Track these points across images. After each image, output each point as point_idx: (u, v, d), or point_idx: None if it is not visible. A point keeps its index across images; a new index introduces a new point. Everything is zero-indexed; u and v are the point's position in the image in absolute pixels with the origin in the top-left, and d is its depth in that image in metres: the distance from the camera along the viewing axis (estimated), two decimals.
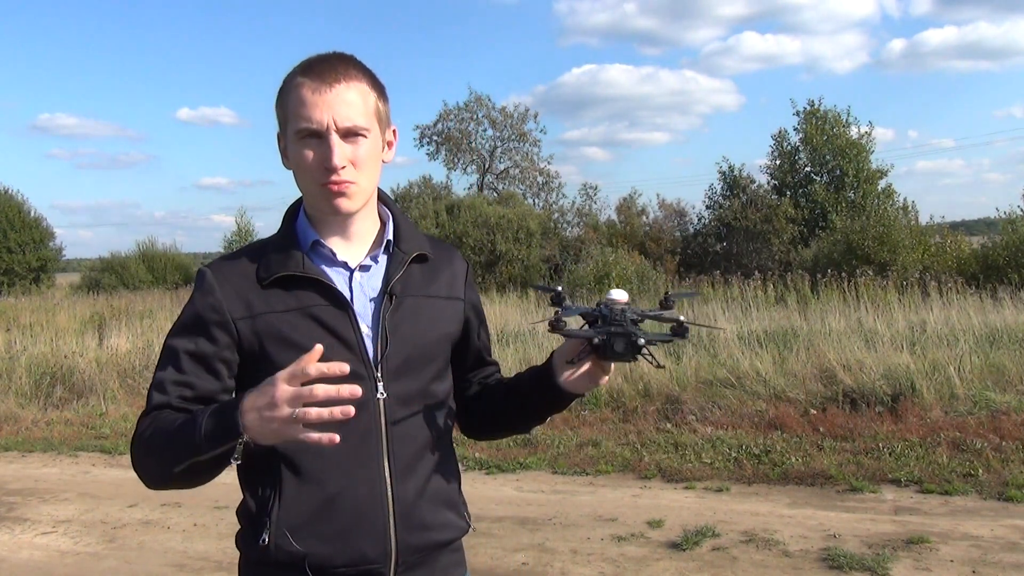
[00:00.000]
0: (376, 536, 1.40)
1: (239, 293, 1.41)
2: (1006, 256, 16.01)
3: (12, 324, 14.13)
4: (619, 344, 1.34)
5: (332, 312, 1.41)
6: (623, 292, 1.40)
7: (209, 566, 4.50)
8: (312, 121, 1.37)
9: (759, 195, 24.16)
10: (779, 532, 4.56)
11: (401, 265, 1.47)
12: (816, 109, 25.19)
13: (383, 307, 1.44)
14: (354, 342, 1.41)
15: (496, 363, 1.69)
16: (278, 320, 1.39)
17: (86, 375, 9.35)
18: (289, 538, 1.37)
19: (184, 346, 1.41)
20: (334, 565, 1.38)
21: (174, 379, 1.40)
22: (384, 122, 1.46)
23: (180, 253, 33.30)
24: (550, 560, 4.35)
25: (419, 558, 1.45)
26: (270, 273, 1.42)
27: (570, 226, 28.79)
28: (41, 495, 6.00)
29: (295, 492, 1.39)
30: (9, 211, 31.38)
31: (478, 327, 1.62)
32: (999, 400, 6.48)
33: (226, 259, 1.48)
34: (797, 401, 6.92)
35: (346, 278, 1.45)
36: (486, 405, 1.62)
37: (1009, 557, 4.09)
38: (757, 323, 9.86)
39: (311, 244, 1.45)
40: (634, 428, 6.84)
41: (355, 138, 1.39)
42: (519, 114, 31.43)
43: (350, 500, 1.39)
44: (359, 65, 1.44)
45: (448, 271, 1.56)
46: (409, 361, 1.45)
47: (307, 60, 1.43)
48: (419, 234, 1.55)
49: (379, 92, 1.46)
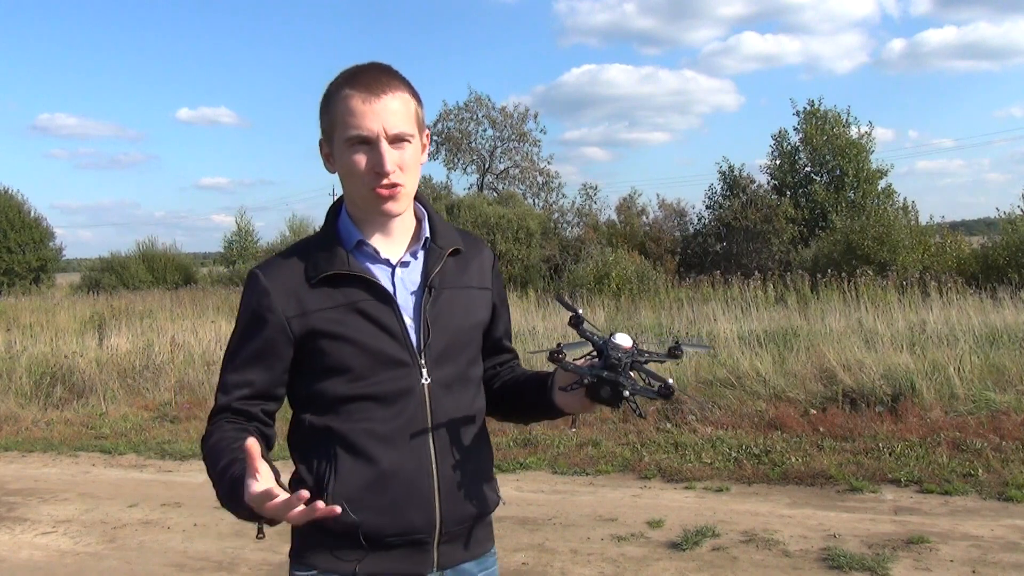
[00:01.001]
0: (423, 508, 1.53)
1: (290, 292, 1.52)
2: (1006, 256, 15.99)
3: (12, 324, 14.14)
4: (605, 391, 1.45)
5: (377, 306, 1.52)
6: (627, 337, 1.49)
7: (209, 566, 4.50)
8: (363, 129, 1.47)
9: (759, 195, 24.12)
10: (779, 532, 4.56)
11: (439, 260, 1.59)
12: (816, 109, 25.15)
13: (423, 299, 1.56)
14: (399, 333, 1.53)
15: (513, 350, 1.81)
16: (328, 316, 1.51)
17: (86, 375, 9.35)
18: (346, 508, 1.47)
19: (242, 346, 1.55)
20: (385, 534, 1.51)
21: (234, 380, 1.54)
22: (422, 127, 1.58)
23: (180, 253, 33.32)
24: (550, 560, 4.35)
25: (459, 529, 1.58)
26: (318, 272, 1.52)
27: (570, 226, 28.75)
28: (41, 495, 6.00)
29: (350, 467, 1.51)
30: (9, 211, 31.37)
31: (500, 314, 1.74)
32: (999, 400, 6.48)
33: (275, 260, 1.58)
34: (797, 401, 6.92)
35: (388, 274, 1.57)
36: (495, 392, 1.73)
37: (1009, 557, 4.09)
38: (757, 323, 9.86)
39: (355, 243, 1.56)
40: (634, 428, 6.84)
41: (401, 143, 1.50)
42: (519, 114, 31.41)
43: (400, 475, 1.52)
44: (399, 75, 1.55)
45: (477, 262, 1.68)
46: (449, 348, 1.57)
47: (350, 71, 1.53)
48: (452, 229, 1.67)
49: (417, 99, 1.57)
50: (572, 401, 1.55)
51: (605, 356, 1.46)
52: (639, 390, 1.45)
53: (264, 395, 1.55)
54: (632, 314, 12.39)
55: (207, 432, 1.55)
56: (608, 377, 1.44)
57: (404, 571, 1.55)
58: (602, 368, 1.45)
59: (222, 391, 1.55)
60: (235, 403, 1.53)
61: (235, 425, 1.53)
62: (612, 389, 1.44)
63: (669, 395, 1.43)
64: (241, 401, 1.54)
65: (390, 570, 1.53)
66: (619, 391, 1.44)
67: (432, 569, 1.57)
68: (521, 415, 1.77)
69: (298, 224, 36.20)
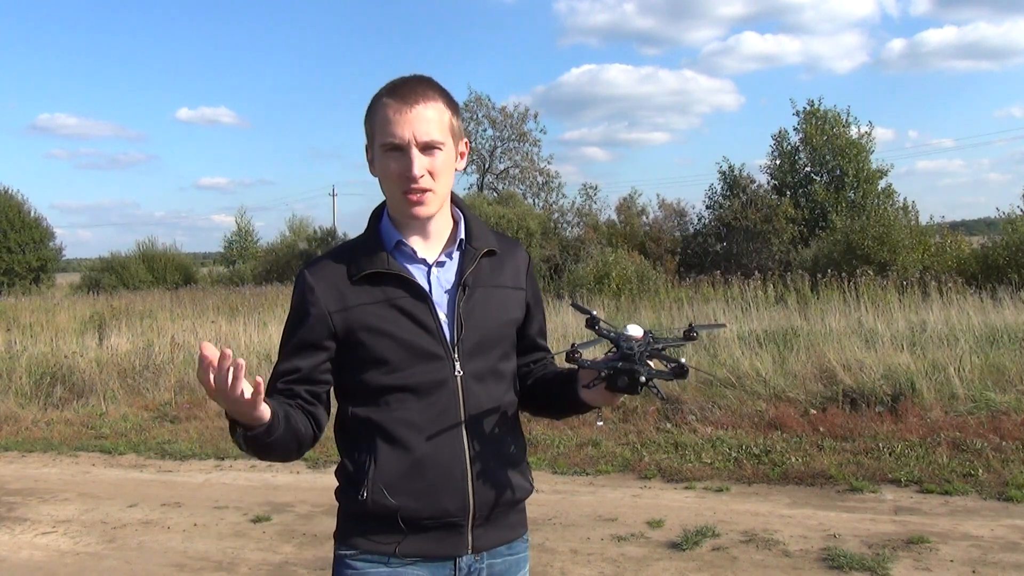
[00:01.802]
0: (457, 493, 1.62)
1: (333, 289, 1.64)
2: (1006, 256, 15.99)
3: (12, 324, 14.13)
4: (622, 380, 1.55)
5: (413, 303, 1.63)
6: (638, 327, 1.59)
7: (209, 566, 4.50)
8: (396, 136, 1.59)
9: (759, 195, 24.12)
10: (779, 532, 4.56)
11: (473, 260, 1.69)
12: (816, 109, 25.15)
13: (457, 297, 1.66)
14: (434, 328, 1.63)
15: (547, 348, 1.88)
16: (367, 311, 1.62)
17: (86, 375, 9.34)
18: (385, 493, 1.60)
19: (290, 339, 1.66)
20: (421, 517, 1.61)
21: (283, 368, 1.66)
22: (457, 135, 1.69)
23: (180, 253, 33.34)
24: (550, 560, 4.35)
25: (492, 513, 1.67)
26: (359, 271, 1.64)
27: (570, 226, 28.75)
28: (41, 495, 6.00)
29: (388, 455, 1.61)
30: (9, 211, 31.37)
31: (534, 314, 1.82)
32: (999, 400, 6.48)
33: (322, 260, 1.70)
34: (797, 401, 6.92)
35: (425, 272, 1.67)
36: (529, 390, 1.82)
37: (1009, 557, 4.09)
38: (757, 323, 9.86)
39: (395, 244, 1.67)
40: (634, 428, 6.84)
41: (432, 151, 1.61)
42: (519, 114, 31.42)
43: (435, 462, 1.61)
44: (436, 86, 1.66)
45: (512, 264, 1.78)
46: (481, 343, 1.67)
47: (392, 82, 1.65)
48: (488, 231, 1.77)
49: (453, 110, 1.68)
50: (596, 395, 1.63)
51: (619, 348, 1.56)
52: (654, 374, 1.54)
53: (308, 379, 1.65)
54: (632, 314, 12.39)
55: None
56: (623, 367, 1.53)
57: (440, 552, 1.64)
58: (617, 360, 1.54)
59: (273, 377, 1.67)
60: (279, 384, 1.65)
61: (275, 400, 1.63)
62: (629, 377, 1.53)
63: (684, 374, 1.52)
64: (285, 383, 1.65)
65: (427, 551, 1.64)
66: (635, 378, 1.53)
67: (467, 551, 1.66)
68: (552, 410, 1.87)
69: (298, 224, 36.19)
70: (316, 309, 1.63)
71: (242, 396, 1.41)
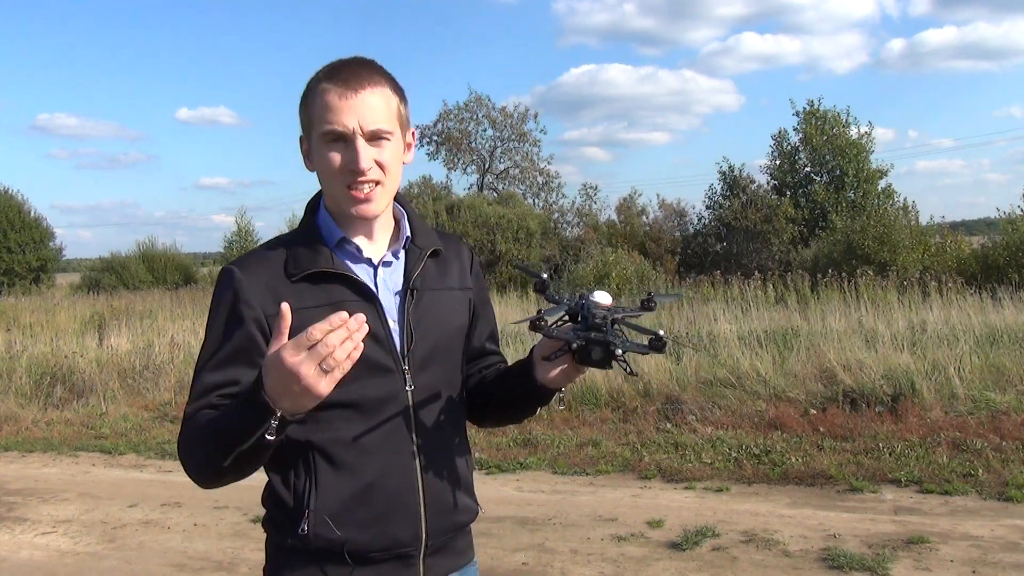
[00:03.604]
0: (409, 521, 1.46)
1: (269, 289, 1.43)
2: (1006, 256, 15.99)
3: (12, 324, 14.13)
4: (596, 352, 1.36)
5: (361, 307, 1.43)
6: (607, 295, 1.42)
7: (209, 566, 4.50)
8: (339, 124, 1.41)
9: (759, 195, 24.14)
10: (779, 532, 4.56)
11: (419, 260, 1.53)
12: (816, 109, 25.16)
13: (406, 301, 1.50)
14: (383, 336, 1.46)
15: (498, 352, 1.72)
16: (310, 316, 1.37)
17: (86, 375, 9.35)
18: (330, 525, 1.41)
19: (221, 345, 1.43)
20: (370, 550, 1.44)
21: (214, 381, 1.42)
22: (405, 125, 1.52)
23: (180, 253, 33.30)
24: (550, 560, 4.35)
25: (444, 540, 1.52)
26: (300, 269, 1.45)
27: (570, 226, 28.78)
28: (41, 495, 6.00)
29: (331, 481, 1.43)
30: (9, 211, 31.36)
31: (482, 316, 1.67)
32: (999, 400, 6.48)
33: (251, 255, 1.50)
34: (797, 401, 6.92)
35: (371, 274, 1.51)
36: (482, 395, 1.65)
37: (1009, 557, 4.09)
38: (757, 323, 9.85)
39: (338, 240, 1.50)
40: (634, 428, 6.84)
41: (380, 141, 1.44)
42: (519, 114, 31.43)
43: (385, 487, 1.45)
44: (381, 70, 1.49)
45: (457, 263, 1.62)
46: (432, 352, 1.51)
47: (331, 65, 1.47)
48: (430, 229, 1.62)
49: (400, 96, 1.50)
50: (557, 375, 1.47)
51: (586, 317, 1.38)
52: (630, 346, 1.37)
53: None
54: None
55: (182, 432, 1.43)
56: (596, 338, 1.36)
57: None
58: (587, 329, 1.37)
59: (198, 394, 1.42)
60: (215, 400, 1.41)
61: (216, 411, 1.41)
62: (603, 349, 1.36)
63: (662, 348, 1.37)
64: (221, 399, 1.41)
65: None
66: (611, 350, 1.36)
67: None
68: (508, 409, 1.66)
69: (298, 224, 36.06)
70: (251, 311, 1.42)
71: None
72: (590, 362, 1.38)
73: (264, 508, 1.51)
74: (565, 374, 1.47)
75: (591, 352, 1.37)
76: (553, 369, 1.47)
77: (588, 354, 1.37)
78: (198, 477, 1.41)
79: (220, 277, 1.47)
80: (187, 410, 1.43)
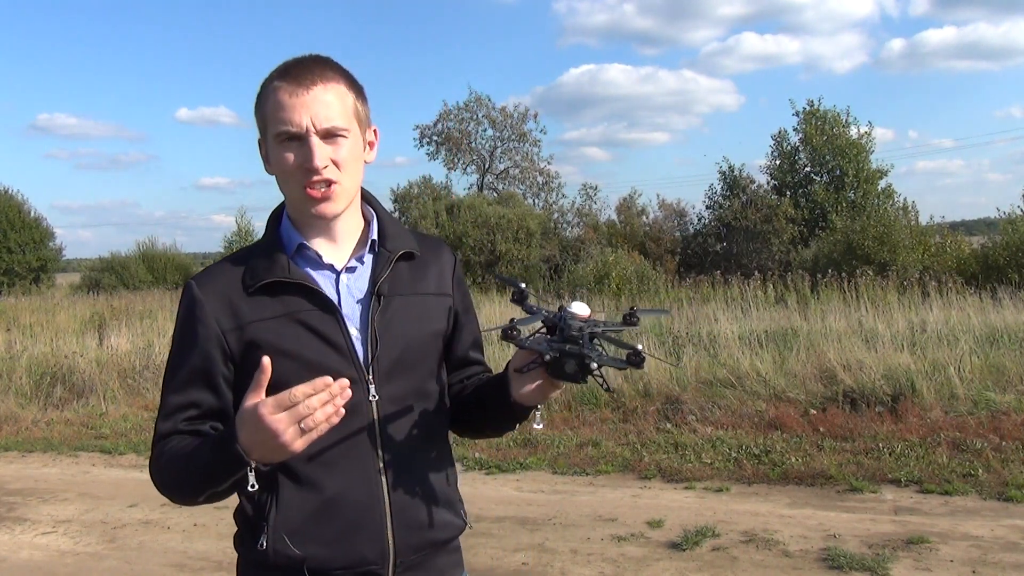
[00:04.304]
0: (374, 537, 1.41)
1: (225, 304, 1.40)
2: (1006, 256, 16.01)
3: (12, 324, 14.13)
4: (570, 365, 1.31)
5: (320, 316, 1.40)
6: (584, 306, 1.36)
7: (209, 566, 4.50)
8: (291, 124, 1.37)
9: (759, 195, 24.17)
10: (779, 532, 4.56)
11: (387, 264, 1.47)
12: (816, 109, 25.20)
13: (371, 308, 1.44)
14: (343, 345, 1.41)
15: (482, 362, 1.66)
16: (266, 328, 1.39)
17: (86, 375, 9.35)
18: (287, 542, 1.38)
19: (181, 365, 1.42)
20: (333, 568, 1.40)
21: (177, 403, 1.41)
22: (364, 122, 1.47)
23: (180, 253, 33.30)
24: (550, 560, 4.35)
25: (417, 558, 1.46)
26: (256, 280, 1.41)
27: (570, 226, 28.82)
28: (41, 495, 6.00)
29: (292, 496, 1.40)
30: (9, 211, 31.37)
31: (464, 324, 1.60)
32: (999, 400, 6.48)
33: (211, 270, 1.47)
34: (797, 401, 6.92)
35: (332, 280, 1.45)
36: (462, 407, 1.59)
37: (1009, 557, 4.09)
38: (757, 323, 9.85)
39: (296, 248, 1.45)
40: (634, 428, 6.84)
41: (335, 139, 1.39)
42: (519, 114, 31.50)
43: (347, 502, 1.40)
44: (336, 66, 1.44)
45: (436, 267, 1.55)
46: (400, 361, 1.45)
47: (283, 64, 1.43)
48: (405, 231, 1.55)
49: (357, 92, 1.45)
50: (532, 391, 1.40)
51: (562, 328, 1.32)
52: (606, 360, 1.30)
53: (214, 414, 1.42)
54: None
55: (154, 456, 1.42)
56: (571, 351, 1.29)
57: None
58: (562, 341, 1.31)
59: (164, 416, 1.42)
60: (182, 425, 1.41)
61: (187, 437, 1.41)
62: (578, 363, 1.30)
63: (640, 363, 1.29)
64: (188, 423, 1.41)
65: None
66: (585, 364, 1.29)
67: None
68: (485, 423, 1.59)
69: None
70: (207, 328, 1.39)
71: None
72: (563, 376, 1.33)
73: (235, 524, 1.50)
74: (540, 390, 1.41)
75: (564, 365, 1.31)
76: (527, 383, 1.40)
77: (562, 367, 1.31)
78: (172, 500, 1.46)
79: (182, 292, 1.45)
80: (157, 427, 1.43)
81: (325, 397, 1.21)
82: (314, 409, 1.20)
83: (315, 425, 1.21)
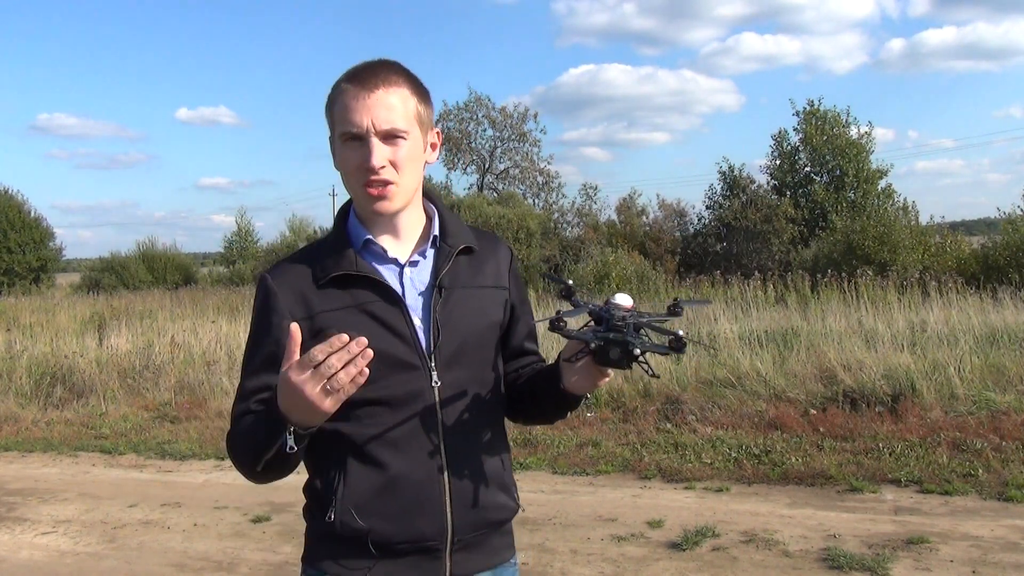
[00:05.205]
0: (433, 515, 1.50)
1: (298, 295, 1.50)
2: (1006, 256, 15.99)
3: (12, 324, 14.14)
4: (615, 352, 1.38)
5: (385, 307, 1.49)
6: (627, 297, 1.43)
7: (209, 566, 4.50)
8: (354, 125, 1.45)
9: (759, 195, 24.14)
10: (779, 532, 4.56)
11: (448, 259, 1.55)
12: (816, 109, 25.17)
13: (433, 300, 1.52)
14: (408, 335, 1.50)
15: (537, 352, 1.73)
16: (335, 318, 1.48)
17: (86, 375, 9.35)
18: (354, 515, 1.48)
19: (256, 353, 1.53)
20: (395, 542, 1.49)
21: (251, 387, 1.52)
22: (426, 125, 1.54)
23: (180, 253, 33.38)
24: (550, 560, 4.35)
25: (473, 537, 1.54)
26: (326, 273, 1.50)
27: (570, 226, 28.76)
28: (41, 495, 6.00)
29: (359, 473, 1.49)
30: (9, 211, 31.40)
31: (520, 315, 1.68)
32: (999, 400, 6.48)
33: (284, 263, 1.57)
34: (797, 401, 6.92)
35: (397, 273, 1.54)
36: (517, 395, 1.68)
37: (1009, 557, 4.09)
38: (757, 323, 9.85)
39: (363, 243, 1.54)
40: (634, 428, 6.84)
41: (394, 140, 1.47)
42: (519, 114, 31.40)
43: (409, 481, 1.49)
44: (401, 70, 1.52)
45: (493, 260, 1.64)
46: (461, 350, 1.53)
47: (353, 68, 1.51)
48: (464, 227, 1.63)
49: (420, 96, 1.53)
50: (581, 380, 1.48)
51: (607, 318, 1.40)
52: (650, 347, 1.37)
53: None
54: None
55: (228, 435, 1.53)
56: (616, 338, 1.37)
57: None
58: (607, 330, 1.39)
59: (240, 398, 1.52)
60: (253, 405, 1.50)
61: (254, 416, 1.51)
62: (622, 350, 1.37)
63: (682, 348, 1.36)
64: (260, 402, 1.50)
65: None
66: (629, 351, 1.36)
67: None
68: (539, 410, 1.69)
69: (298, 224, 36.21)
70: (280, 318, 1.48)
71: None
72: (609, 363, 1.39)
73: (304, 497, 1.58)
74: (589, 378, 1.48)
75: (609, 352, 1.38)
76: (577, 373, 1.47)
77: (607, 354, 1.38)
78: (243, 474, 1.51)
79: (257, 285, 1.56)
80: (233, 412, 1.53)
81: (345, 356, 1.25)
82: (335, 368, 1.25)
83: (340, 386, 1.26)
